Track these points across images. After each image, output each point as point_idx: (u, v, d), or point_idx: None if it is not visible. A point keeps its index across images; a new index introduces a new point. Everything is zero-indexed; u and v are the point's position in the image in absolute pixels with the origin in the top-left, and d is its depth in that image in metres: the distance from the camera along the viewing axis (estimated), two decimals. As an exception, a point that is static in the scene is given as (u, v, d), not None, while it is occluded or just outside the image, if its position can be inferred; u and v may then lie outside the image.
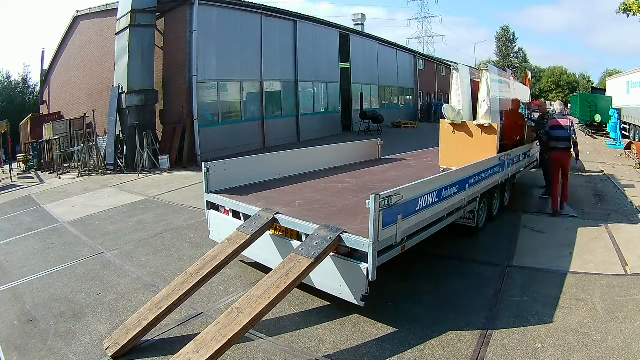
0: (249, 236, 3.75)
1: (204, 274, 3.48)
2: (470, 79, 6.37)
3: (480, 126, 5.97)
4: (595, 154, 13.19)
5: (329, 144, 7.51)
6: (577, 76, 55.83)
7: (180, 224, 6.56)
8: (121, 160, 12.33)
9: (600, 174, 9.92)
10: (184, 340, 3.13)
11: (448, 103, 6.50)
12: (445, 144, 6.44)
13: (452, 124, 6.27)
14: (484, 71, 6.14)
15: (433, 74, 33.65)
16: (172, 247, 5.54)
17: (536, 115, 9.80)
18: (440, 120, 6.49)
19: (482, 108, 6.01)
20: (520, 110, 7.53)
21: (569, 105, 28.02)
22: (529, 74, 9.87)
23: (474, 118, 6.17)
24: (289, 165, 5.83)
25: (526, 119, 7.64)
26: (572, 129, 6.58)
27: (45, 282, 4.55)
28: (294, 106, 16.76)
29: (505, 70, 7.87)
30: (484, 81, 5.99)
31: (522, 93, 7.68)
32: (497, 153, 5.85)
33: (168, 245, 5.61)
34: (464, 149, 6.08)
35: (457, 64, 6.64)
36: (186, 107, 12.46)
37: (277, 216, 3.90)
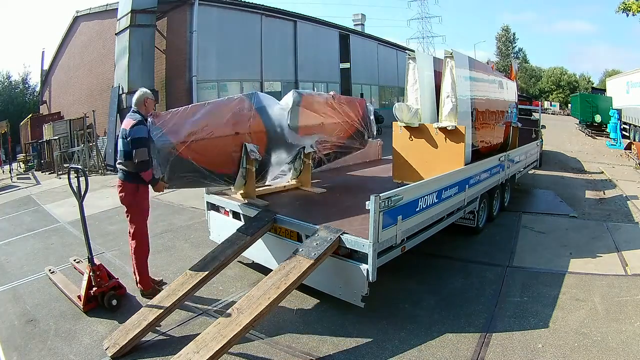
0: (248, 237, 3.75)
1: (204, 275, 3.48)
2: (434, 71, 5.23)
3: (443, 130, 4.84)
4: (595, 154, 13.20)
5: (329, 144, 7.49)
6: (577, 76, 55.78)
7: (180, 224, 6.56)
8: (121, 161, 12.32)
9: (600, 174, 9.93)
10: (184, 340, 3.13)
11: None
12: (399, 153, 5.25)
13: (408, 128, 5.11)
14: (448, 59, 4.84)
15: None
16: (172, 248, 5.54)
17: (536, 115, 9.81)
18: (393, 123, 5.27)
19: (446, 106, 4.86)
20: (506, 109, 6.34)
21: (569, 105, 27.95)
22: (515, 66, 8.33)
23: (438, 119, 5.04)
24: (289, 165, 5.81)
25: (512, 121, 6.52)
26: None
27: (46, 282, 4.55)
28: (294, 106, 16.74)
29: (487, 63, 7.23)
30: (447, 72, 4.83)
31: (506, 89, 6.46)
32: (467, 163, 4.83)
33: (168, 246, 5.61)
34: (424, 159, 5.00)
35: (413, 51, 5.44)
36: (186, 108, 12.45)
37: (277, 217, 3.91)
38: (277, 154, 4.59)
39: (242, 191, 4.40)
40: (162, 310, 3.27)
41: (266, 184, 4.83)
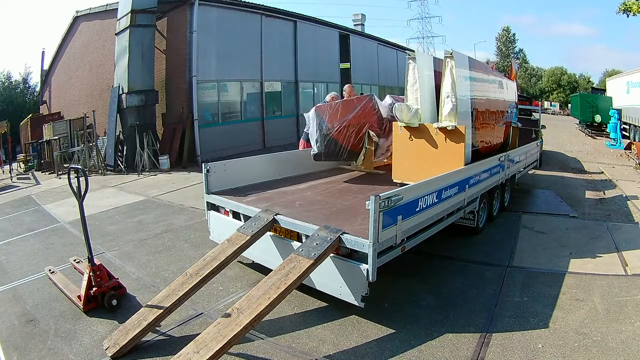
0: (249, 237, 3.75)
1: (204, 275, 3.48)
2: (434, 71, 5.25)
3: (443, 130, 4.85)
4: (595, 154, 13.20)
5: (329, 144, 7.50)
6: (577, 76, 55.74)
7: (181, 224, 6.56)
8: (121, 161, 12.33)
9: (600, 174, 9.93)
10: (184, 340, 3.14)
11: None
12: (399, 153, 5.28)
13: (408, 128, 5.14)
14: (448, 59, 4.85)
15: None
16: (172, 248, 5.54)
17: (536, 115, 9.81)
18: (394, 123, 5.39)
19: (446, 106, 4.86)
20: (506, 109, 6.34)
21: (569, 105, 27.93)
22: (515, 67, 8.37)
23: (438, 119, 5.06)
24: (289, 165, 5.83)
25: (512, 121, 6.51)
26: None
27: (46, 282, 4.55)
28: (294, 106, 16.75)
29: (487, 63, 7.28)
30: (447, 72, 4.85)
31: (506, 89, 6.47)
32: (467, 163, 4.83)
33: (168, 246, 5.61)
34: (424, 159, 5.01)
35: (413, 51, 5.46)
36: (186, 108, 12.46)
37: (277, 217, 3.91)
38: (382, 139, 5.96)
39: (362, 165, 5.98)
40: (162, 310, 3.27)
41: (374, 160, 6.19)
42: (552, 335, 3.31)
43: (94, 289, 3.81)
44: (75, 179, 3.74)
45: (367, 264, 3.24)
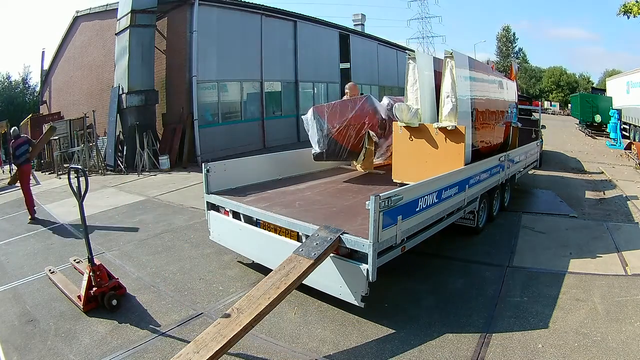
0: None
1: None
2: (434, 71, 5.24)
3: (443, 130, 4.85)
4: (595, 154, 13.20)
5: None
6: (577, 76, 55.75)
7: (180, 224, 6.56)
8: (121, 161, 12.33)
9: (600, 174, 9.93)
10: (184, 340, 3.13)
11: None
12: (399, 153, 5.30)
13: (408, 128, 5.14)
14: (448, 59, 4.86)
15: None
16: (172, 248, 5.54)
17: (536, 115, 9.81)
18: (394, 123, 5.41)
19: (446, 106, 4.87)
20: (506, 109, 6.32)
21: (569, 105, 27.89)
22: (515, 67, 8.40)
23: (438, 119, 5.05)
24: (289, 165, 5.83)
25: (512, 121, 6.51)
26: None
27: (45, 282, 4.55)
28: (294, 106, 16.75)
29: (487, 63, 7.29)
30: (447, 72, 4.85)
31: (506, 89, 6.46)
32: (467, 163, 4.82)
33: (168, 246, 5.61)
34: (424, 159, 5.02)
35: (413, 51, 5.47)
36: (186, 108, 12.46)
37: (277, 217, 3.90)
38: (382, 139, 5.96)
39: (362, 165, 6.08)
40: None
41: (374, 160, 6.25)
42: (552, 335, 3.31)
43: (94, 289, 3.80)
44: (75, 179, 3.74)
45: (367, 264, 3.24)
